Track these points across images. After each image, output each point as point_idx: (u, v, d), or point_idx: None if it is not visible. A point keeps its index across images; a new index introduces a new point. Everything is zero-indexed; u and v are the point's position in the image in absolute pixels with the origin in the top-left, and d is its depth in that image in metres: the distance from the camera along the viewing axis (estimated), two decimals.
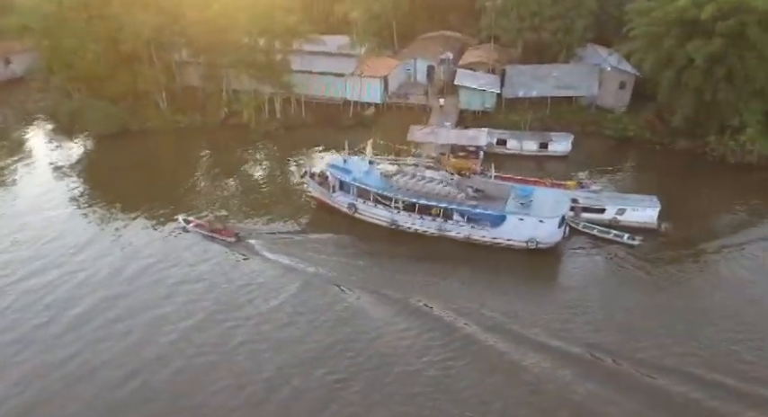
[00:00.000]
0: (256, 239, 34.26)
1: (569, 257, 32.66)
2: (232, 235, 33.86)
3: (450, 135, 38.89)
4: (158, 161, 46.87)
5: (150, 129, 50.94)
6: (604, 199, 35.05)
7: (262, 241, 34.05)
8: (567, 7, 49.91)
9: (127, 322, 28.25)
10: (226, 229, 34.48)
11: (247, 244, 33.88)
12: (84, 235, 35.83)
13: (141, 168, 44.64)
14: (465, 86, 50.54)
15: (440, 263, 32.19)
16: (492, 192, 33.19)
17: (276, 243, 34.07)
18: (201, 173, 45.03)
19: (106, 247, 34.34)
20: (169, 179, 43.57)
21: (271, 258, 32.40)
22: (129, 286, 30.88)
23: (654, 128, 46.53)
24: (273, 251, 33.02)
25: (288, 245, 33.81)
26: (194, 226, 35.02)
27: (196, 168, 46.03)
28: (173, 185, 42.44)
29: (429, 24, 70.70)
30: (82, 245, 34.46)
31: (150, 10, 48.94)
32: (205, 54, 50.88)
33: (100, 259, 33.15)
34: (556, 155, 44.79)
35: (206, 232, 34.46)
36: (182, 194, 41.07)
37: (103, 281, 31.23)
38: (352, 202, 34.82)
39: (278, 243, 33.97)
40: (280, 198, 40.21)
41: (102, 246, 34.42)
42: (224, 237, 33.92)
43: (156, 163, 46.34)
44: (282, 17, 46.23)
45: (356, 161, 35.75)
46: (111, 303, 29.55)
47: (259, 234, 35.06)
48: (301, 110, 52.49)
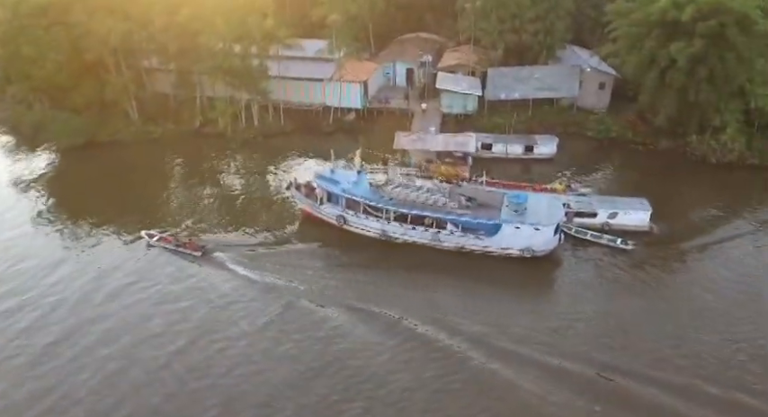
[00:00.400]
0: (225, 252, 32.95)
1: (563, 264, 32.18)
2: (198, 249, 32.54)
3: (437, 141, 38.04)
4: (129, 173, 44.38)
5: (120, 140, 48.45)
6: (595, 203, 34.78)
7: (231, 254, 32.73)
8: (546, 8, 49.71)
9: (103, 349, 26.39)
10: (191, 243, 33.15)
11: (215, 258, 32.50)
12: (51, 255, 33.64)
13: (111, 181, 42.34)
14: (447, 90, 49.82)
15: (432, 275, 31.31)
16: (484, 200, 32.48)
17: (246, 255, 32.76)
18: (176, 186, 43.10)
19: (75, 268, 32.27)
20: (141, 192, 41.35)
21: (240, 272, 31.10)
22: (102, 310, 28.94)
23: (636, 128, 46.77)
24: (243, 264, 31.72)
25: (261, 258, 32.48)
26: (158, 240, 33.55)
27: (170, 180, 44.10)
28: (145, 199, 40.43)
29: (404, 26, 69.90)
30: (48, 267, 32.32)
31: (116, 16, 46.50)
32: (177, 60, 48.80)
33: (69, 282, 31.10)
34: (541, 158, 44.48)
35: (171, 246, 33.04)
36: (155, 208, 39.17)
37: (74, 307, 29.16)
38: (340, 214, 33.62)
39: (249, 257, 32.65)
40: (258, 209, 38.72)
41: (70, 268, 32.36)
42: (190, 251, 32.56)
43: (127, 175, 43.82)
44: (259, 21, 44.56)
45: (344, 171, 34.53)
46: (86, 329, 27.61)
47: (230, 246, 33.67)
48: (280, 117, 50.88)
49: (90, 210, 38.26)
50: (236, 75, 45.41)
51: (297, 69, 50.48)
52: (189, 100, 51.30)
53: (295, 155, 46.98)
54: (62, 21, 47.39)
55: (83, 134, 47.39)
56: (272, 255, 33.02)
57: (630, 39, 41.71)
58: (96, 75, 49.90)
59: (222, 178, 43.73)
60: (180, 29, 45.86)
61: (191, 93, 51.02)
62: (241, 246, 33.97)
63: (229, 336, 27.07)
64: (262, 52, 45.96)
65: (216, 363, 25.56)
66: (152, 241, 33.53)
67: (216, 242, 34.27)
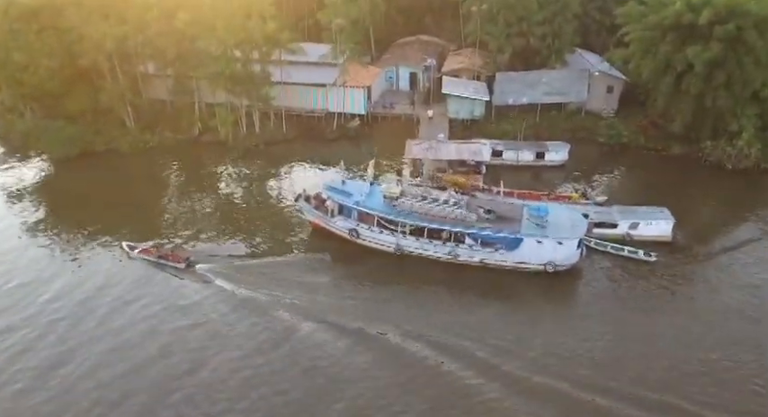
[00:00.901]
0: (212, 264, 31.56)
1: (584, 279, 30.83)
2: (182, 261, 31.13)
3: (450, 149, 36.71)
4: (126, 184, 42.50)
5: (116, 150, 46.64)
6: (615, 214, 33.67)
7: (219, 266, 31.32)
8: (554, 11, 48.66)
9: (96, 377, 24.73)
10: (174, 254, 31.77)
11: (198, 270, 31.06)
12: (45, 270, 31.93)
13: (106, 192, 40.39)
14: (453, 95, 48.59)
15: (448, 291, 29.88)
16: (503, 212, 31.22)
17: (239, 269, 31.28)
18: (173, 196, 41.18)
19: (67, 285, 30.55)
20: (137, 203, 39.39)
21: (227, 287, 29.62)
22: (97, 332, 27.20)
23: (647, 133, 45.86)
24: (233, 279, 30.22)
25: (256, 272, 30.93)
26: (140, 252, 32.14)
27: (168, 190, 42.22)
28: (141, 210, 38.58)
29: (404, 29, 68.63)
30: (38, 284, 30.64)
31: (111, 20, 44.79)
32: (175, 66, 47.06)
33: (60, 299, 29.39)
34: (552, 165, 43.39)
35: (153, 258, 31.63)
36: (151, 219, 37.50)
37: (66, 332, 27.21)
38: (353, 227, 32.19)
39: (241, 270, 31.14)
40: (258, 220, 37.08)
41: (62, 283, 30.66)
42: (173, 263, 31.14)
43: (124, 186, 41.93)
44: (260, 25, 43.01)
45: (356, 182, 33.11)
46: (80, 356, 25.81)
47: (221, 258, 32.29)
48: (281, 123, 49.33)
49: (81, 222, 36.44)
50: (238, 81, 43.81)
51: (299, 74, 48.96)
52: (187, 106, 49.65)
53: (298, 163, 45.47)
54: (54, 25, 45.57)
55: (77, 143, 45.47)
56: (268, 269, 31.43)
57: (644, 43, 40.74)
58: (90, 82, 48.13)
59: (222, 188, 42.06)
60: (178, 33, 44.19)
61: (189, 100, 49.38)
62: (233, 258, 32.43)
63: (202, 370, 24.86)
64: (264, 57, 44.37)
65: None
66: (133, 253, 32.14)
67: (206, 253, 32.87)
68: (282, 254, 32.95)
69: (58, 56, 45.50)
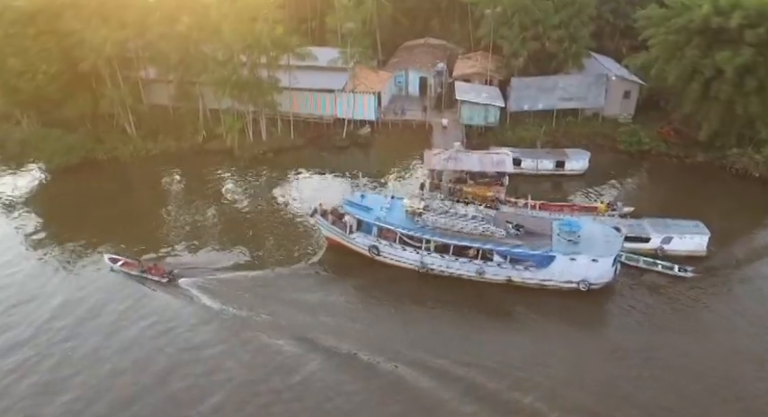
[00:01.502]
0: (199, 277, 29.93)
1: (618, 298, 29.06)
2: (164, 275, 29.66)
3: (472, 160, 35.01)
4: (127, 194, 40.57)
5: (118, 158, 44.75)
6: (648, 227, 32.11)
7: (204, 280, 29.69)
8: (570, 14, 47.16)
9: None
10: (157, 268, 30.30)
11: (184, 285, 29.36)
12: (47, 285, 30.09)
13: (106, 203, 38.33)
14: (467, 101, 46.98)
15: (475, 313, 27.94)
16: (532, 227, 29.60)
17: (229, 284, 29.52)
18: (176, 207, 39.09)
19: (66, 301, 28.73)
20: (138, 215, 37.57)
21: (212, 304, 27.85)
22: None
23: (669, 140, 44.43)
24: (219, 294, 28.49)
25: (251, 289, 29.15)
26: (122, 265, 30.63)
27: (170, 201, 40.31)
28: (141, 222, 36.66)
29: (410, 32, 67.10)
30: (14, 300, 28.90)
31: (111, 23, 42.85)
32: (178, 72, 45.12)
33: (57, 319, 27.54)
34: (573, 174, 41.86)
35: (135, 272, 30.17)
36: (151, 231, 35.56)
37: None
38: (373, 244, 30.49)
39: (231, 286, 29.38)
40: (264, 233, 35.26)
41: (62, 300, 28.83)
42: (156, 277, 29.69)
43: (124, 196, 39.96)
44: (268, 29, 41.22)
45: (376, 196, 31.39)
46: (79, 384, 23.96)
47: (209, 271, 30.59)
48: (289, 130, 47.57)
49: (76, 234, 34.64)
50: (245, 87, 41.98)
51: (307, 80, 47.20)
52: (190, 113, 47.75)
53: (308, 172, 43.69)
54: (52, 29, 43.60)
55: (77, 152, 43.44)
56: (269, 285, 29.61)
57: (668, 47, 39.28)
58: (90, 88, 46.33)
59: (226, 198, 40.05)
60: (181, 37, 42.29)
61: (192, 106, 47.48)
62: (228, 272, 30.67)
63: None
64: (272, 62, 42.59)
65: None
66: (115, 266, 30.69)
67: (198, 266, 31.22)
68: (287, 270, 31.06)
69: (56, 61, 43.62)
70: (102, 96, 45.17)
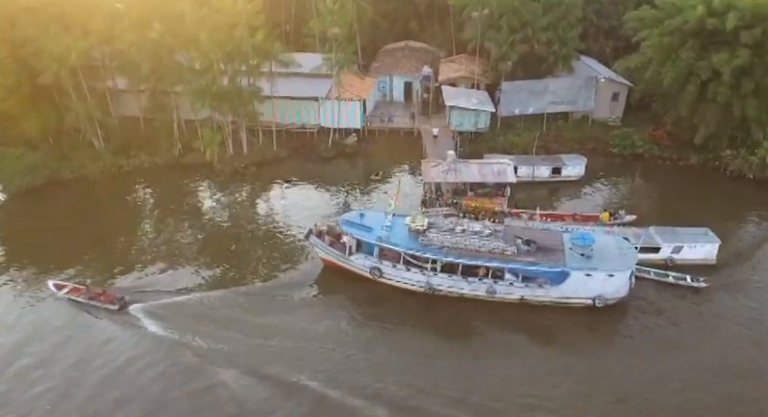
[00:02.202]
0: (155, 302, 27.72)
1: (633, 314, 27.73)
2: (114, 301, 27.43)
3: (472, 171, 33.35)
4: (95, 216, 37.13)
5: (86, 177, 41.40)
6: (656, 236, 31.06)
7: (161, 305, 27.49)
8: (557, 16, 46.15)
9: None
10: (106, 294, 28.05)
11: (136, 312, 27.09)
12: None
13: (71, 226, 35.30)
14: (457, 106, 45.43)
15: (487, 336, 26.33)
16: (542, 242, 28.13)
17: (196, 310, 27.34)
18: (149, 228, 36.15)
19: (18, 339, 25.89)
20: (105, 237, 34.39)
21: (170, 335, 25.57)
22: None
23: (661, 142, 43.87)
24: (172, 323, 26.29)
25: (212, 314, 27.00)
26: (68, 292, 28.23)
27: (142, 222, 37.16)
28: (108, 244, 33.67)
29: (388, 35, 65.31)
30: None
31: (74, 31, 39.60)
32: (150, 81, 42.05)
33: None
34: (569, 180, 40.77)
35: (83, 299, 27.83)
36: (116, 254, 32.70)
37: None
38: (375, 266, 28.48)
39: (188, 310, 27.22)
40: (247, 253, 32.90)
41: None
42: (104, 304, 27.40)
43: (92, 218, 36.63)
44: (247, 36, 38.69)
45: (376, 215, 29.37)
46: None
47: (171, 295, 28.35)
48: (272, 141, 45.06)
49: (35, 261, 31.69)
50: (226, 97, 39.32)
51: (289, 87, 44.84)
52: (164, 124, 44.67)
53: (293, 185, 41.37)
54: (6, 38, 40.02)
55: (40, 172, 39.95)
56: (239, 310, 27.42)
57: (663, 49, 38.54)
58: (52, 101, 42.70)
59: (206, 216, 37.34)
60: (154, 45, 39.37)
61: (166, 117, 44.40)
62: (196, 295, 28.46)
63: None
64: (254, 71, 40.06)
65: None
66: (60, 293, 28.24)
67: (159, 289, 28.98)
68: (267, 292, 28.88)
69: (12, 73, 40.00)
70: (67, 110, 41.70)
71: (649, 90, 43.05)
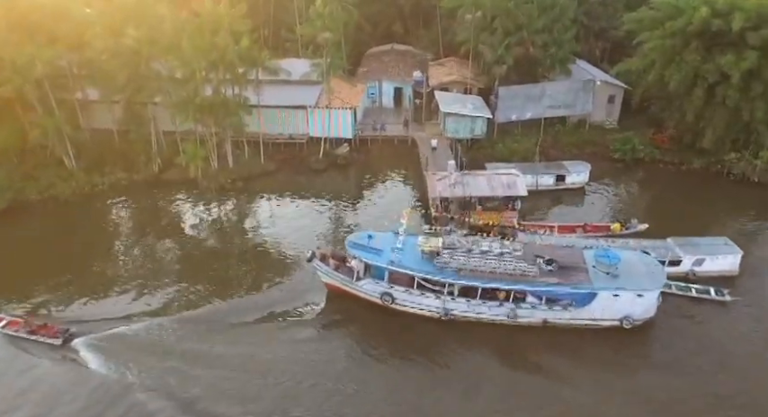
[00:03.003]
0: (108, 332, 25.31)
1: (657, 331, 26.14)
2: (57, 335, 24.97)
3: (481, 184, 31.39)
4: (64, 241, 33.92)
5: (56, 198, 37.95)
6: (676, 248, 29.69)
7: (117, 336, 25.14)
8: (552, 18, 44.73)
9: None
10: (48, 327, 25.52)
11: (82, 347, 24.62)
12: None
13: (35, 254, 32.04)
14: (452, 113, 43.56)
15: (508, 365, 24.44)
16: (563, 260, 26.38)
17: (143, 339, 25.12)
18: (125, 252, 33.03)
19: None
20: (72, 264, 31.39)
21: (112, 376, 23.05)
22: None
23: (662, 146, 42.89)
24: (124, 359, 23.94)
25: (175, 346, 24.65)
26: (4, 326, 25.60)
27: (118, 245, 33.83)
28: (76, 272, 30.67)
29: (371, 38, 63.11)
30: None
31: (39, 39, 36.21)
32: (125, 92, 38.82)
33: None
34: (573, 188, 39.33)
35: (22, 333, 25.25)
36: (85, 283, 29.77)
37: None
38: (386, 291, 26.26)
39: (146, 341, 24.95)
40: (235, 276, 30.38)
41: None
42: (46, 338, 24.93)
43: (61, 243, 33.51)
44: (233, 43, 35.94)
45: (385, 235, 27.12)
46: None
47: (131, 323, 26.08)
48: (259, 153, 42.30)
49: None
50: (211, 109, 36.49)
51: (275, 96, 42.14)
52: (142, 139, 41.34)
53: (284, 199, 38.88)
54: None
55: (3, 194, 36.30)
56: (233, 341, 25.11)
57: (666, 52, 37.40)
58: (14, 116, 38.96)
59: (188, 237, 34.62)
60: (129, 53, 36.27)
61: (143, 129, 41.13)
62: (158, 319, 26.32)
63: None
64: (240, 79, 37.30)
65: None
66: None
67: (116, 317, 26.50)
68: (254, 320, 26.47)
69: None
70: (32, 126, 38.13)
71: (650, 93, 41.83)
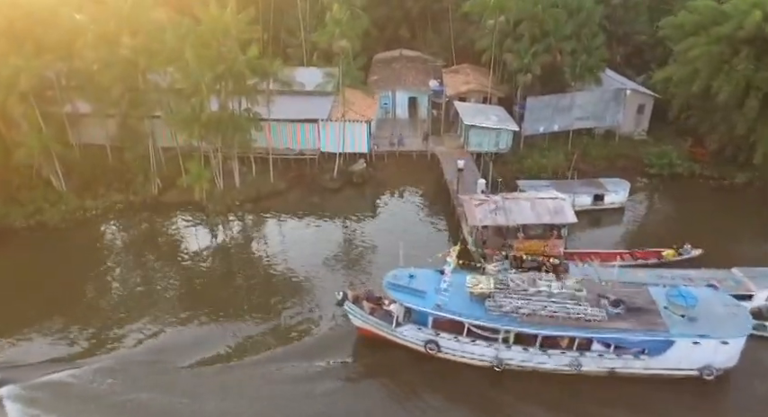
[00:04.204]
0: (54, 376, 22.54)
1: (737, 381, 23.16)
2: None
3: (524, 210, 28.08)
4: (51, 274, 29.90)
5: (45, 224, 34.15)
6: (745, 280, 26.77)
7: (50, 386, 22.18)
8: (580, 23, 41.75)
9: None
10: None
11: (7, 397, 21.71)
12: None
13: (14, 290, 28.18)
14: (476, 125, 40.40)
15: None
16: (629, 299, 23.28)
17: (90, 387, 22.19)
18: (114, 287, 29.59)
19: None
20: (59, 302, 27.71)
21: None
22: None
23: (701, 159, 40.11)
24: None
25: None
26: None
27: (112, 280, 30.30)
28: (68, 312, 27.16)
29: (377, 43, 59.70)
30: None
31: (25, 50, 32.39)
32: (120, 107, 35.08)
33: None
34: (612, 208, 36.34)
35: None
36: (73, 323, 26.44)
37: None
38: (431, 338, 22.97)
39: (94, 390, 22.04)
40: (247, 312, 27.18)
41: None
42: None
43: (47, 278, 29.49)
44: (240, 52, 32.43)
45: (428, 274, 23.82)
46: None
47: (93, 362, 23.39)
48: (268, 171, 38.74)
49: None
50: (219, 126, 32.93)
51: (285, 108, 38.60)
52: (141, 156, 37.43)
53: (299, 223, 35.56)
54: None
55: None
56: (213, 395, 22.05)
57: (713, 59, 34.51)
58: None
59: (191, 267, 31.15)
60: (125, 65, 32.62)
61: (140, 146, 37.24)
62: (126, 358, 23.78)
63: None
64: (250, 92, 33.75)
65: None
66: None
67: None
68: (266, 366, 23.47)
69: None
70: (16, 144, 34.24)
71: (689, 102, 39.01)
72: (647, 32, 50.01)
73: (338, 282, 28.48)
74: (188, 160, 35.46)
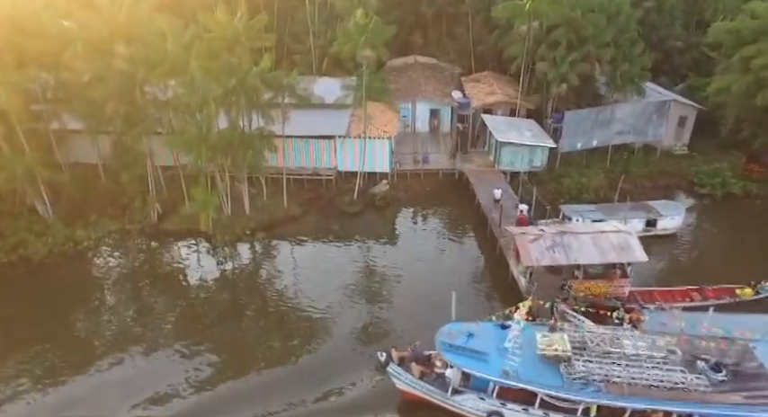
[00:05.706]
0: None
1: None
2: None
3: (586, 246, 24.18)
4: (36, 317, 26.02)
5: (30, 259, 29.94)
6: None
7: None
8: (619, 29, 38.22)
9: None
10: None
11: None
12: None
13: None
14: (508, 142, 36.70)
15: None
16: (729, 360, 19.56)
17: None
18: (104, 332, 25.29)
19: None
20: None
21: None
22: None
23: (756, 177, 36.72)
24: None
25: None
26: None
27: (96, 325, 25.99)
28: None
29: (390, 48, 55.84)
30: None
31: (6, 59, 28.26)
32: (115, 125, 31.02)
33: None
34: (664, 234, 32.71)
35: None
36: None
37: None
38: (495, 410, 19.12)
39: None
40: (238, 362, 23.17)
41: None
42: None
43: (32, 320, 25.62)
44: (252, 63, 28.48)
45: (491, 330, 19.94)
46: None
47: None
48: (281, 194, 34.74)
49: None
50: (229, 147, 28.95)
51: (299, 123, 34.53)
52: (138, 178, 33.34)
53: (318, 254, 31.42)
54: None
55: None
56: None
57: None
58: None
59: (196, 314, 26.78)
60: (120, 77, 28.57)
61: (137, 164, 32.97)
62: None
63: None
64: (264, 109, 29.78)
65: None
66: None
67: None
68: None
69: None
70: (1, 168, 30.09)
71: (744, 115, 35.61)
72: (682, 37, 46.68)
73: (367, 323, 24.90)
74: (191, 182, 31.45)
